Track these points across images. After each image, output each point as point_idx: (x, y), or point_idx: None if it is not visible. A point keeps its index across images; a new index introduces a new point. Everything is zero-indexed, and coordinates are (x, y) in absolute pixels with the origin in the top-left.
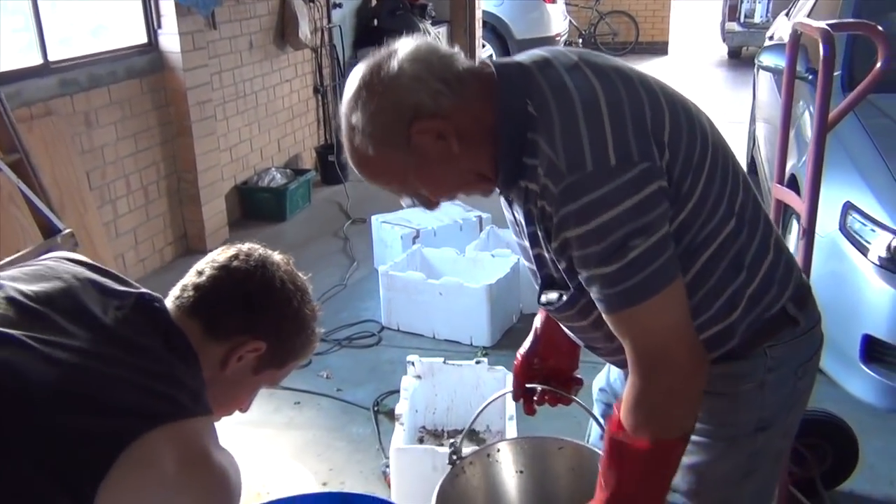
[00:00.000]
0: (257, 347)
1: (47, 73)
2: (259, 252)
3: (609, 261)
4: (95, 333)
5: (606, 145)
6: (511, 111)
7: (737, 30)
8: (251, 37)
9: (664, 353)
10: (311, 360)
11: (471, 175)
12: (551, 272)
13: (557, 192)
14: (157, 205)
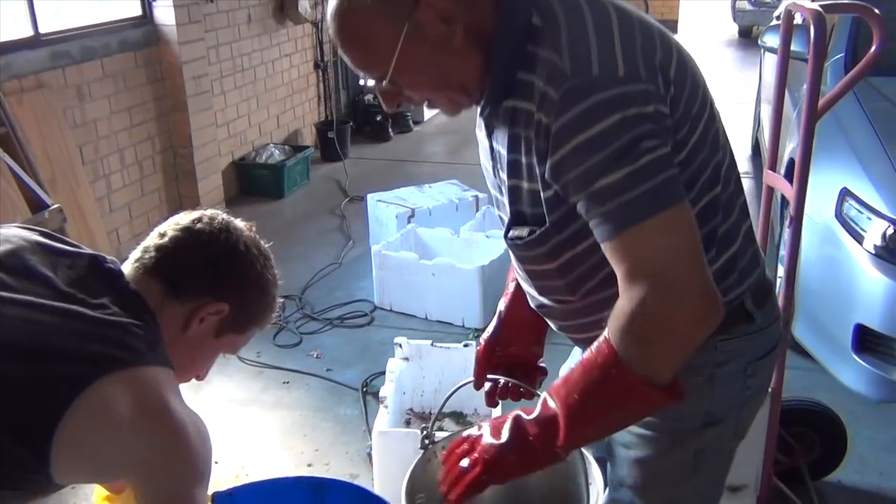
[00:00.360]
0: (220, 309)
1: (38, 45)
2: (222, 216)
3: (618, 165)
4: (44, 289)
5: (615, 57)
6: (515, 19)
7: (748, 8)
8: (250, 10)
9: (674, 279)
10: (301, 339)
11: (454, 80)
12: (524, 208)
13: (559, 96)
14: (152, 180)
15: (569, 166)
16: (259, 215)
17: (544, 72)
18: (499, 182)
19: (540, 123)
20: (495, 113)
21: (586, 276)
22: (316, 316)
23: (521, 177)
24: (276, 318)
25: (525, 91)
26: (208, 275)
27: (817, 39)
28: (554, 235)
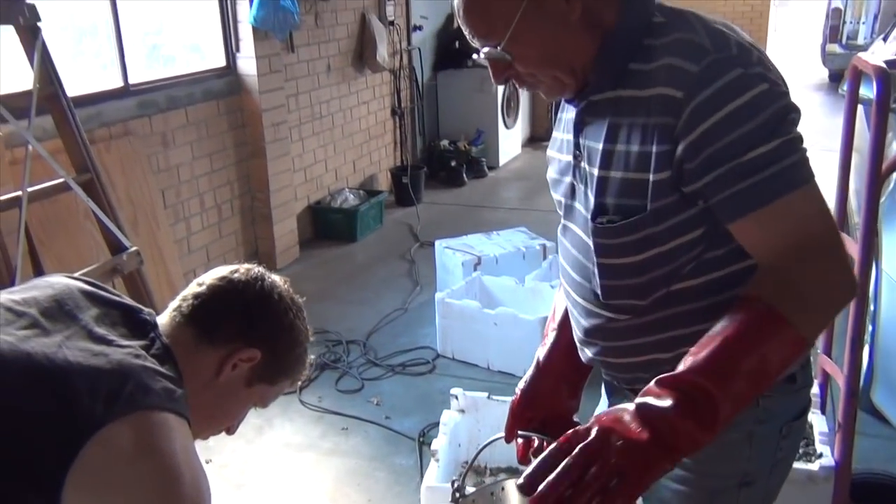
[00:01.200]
0: (252, 356)
1: (127, 94)
2: (259, 269)
3: (771, 136)
4: (74, 331)
5: (751, 51)
6: (637, 11)
7: (838, 52)
8: (329, 59)
9: (829, 245)
10: (363, 385)
11: (564, 59)
12: (611, 199)
13: (700, 68)
14: (230, 223)
15: (713, 138)
16: (331, 259)
17: (676, 51)
18: (581, 176)
19: (671, 100)
20: (593, 104)
21: (664, 280)
22: (379, 362)
23: (615, 167)
24: (305, 376)
25: (639, 80)
26: (242, 319)
27: (880, 96)
28: (650, 225)
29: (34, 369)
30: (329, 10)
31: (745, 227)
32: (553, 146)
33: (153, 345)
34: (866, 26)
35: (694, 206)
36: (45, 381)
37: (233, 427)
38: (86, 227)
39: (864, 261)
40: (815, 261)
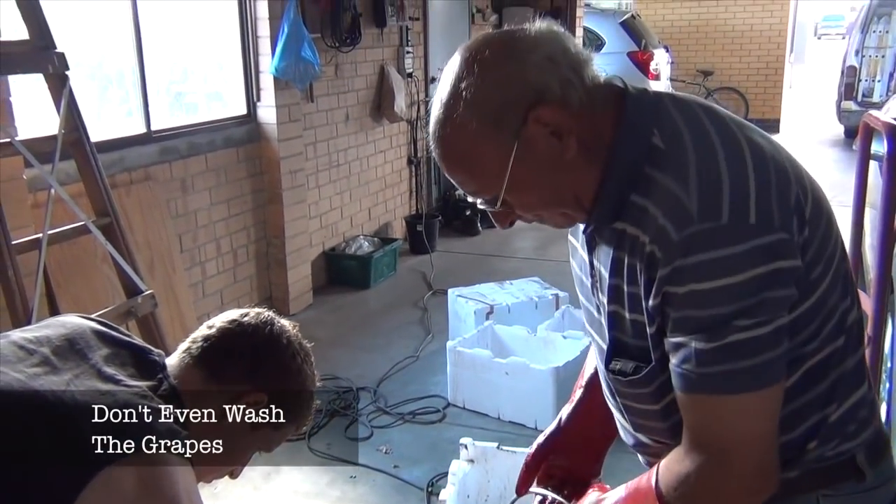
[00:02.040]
0: (259, 400)
1: (149, 141)
2: (269, 313)
3: (706, 335)
4: (83, 370)
5: (748, 199)
6: (635, 135)
7: (853, 108)
8: (347, 109)
9: (731, 457)
10: (372, 433)
11: (568, 193)
12: (624, 337)
13: (678, 239)
14: (245, 268)
15: (670, 306)
16: (345, 305)
17: (664, 204)
18: (597, 303)
19: (652, 256)
20: (599, 231)
21: None
22: (388, 410)
23: (623, 305)
24: (311, 422)
25: (637, 216)
26: (250, 362)
27: (891, 152)
28: (660, 374)
29: (42, 407)
30: (349, 61)
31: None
32: (573, 255)
33: (160, 385)
34: (881, 84)
35: None
36: (51, 419)
37: (236, 471)
38: (102, 270)
39: (877, 316)
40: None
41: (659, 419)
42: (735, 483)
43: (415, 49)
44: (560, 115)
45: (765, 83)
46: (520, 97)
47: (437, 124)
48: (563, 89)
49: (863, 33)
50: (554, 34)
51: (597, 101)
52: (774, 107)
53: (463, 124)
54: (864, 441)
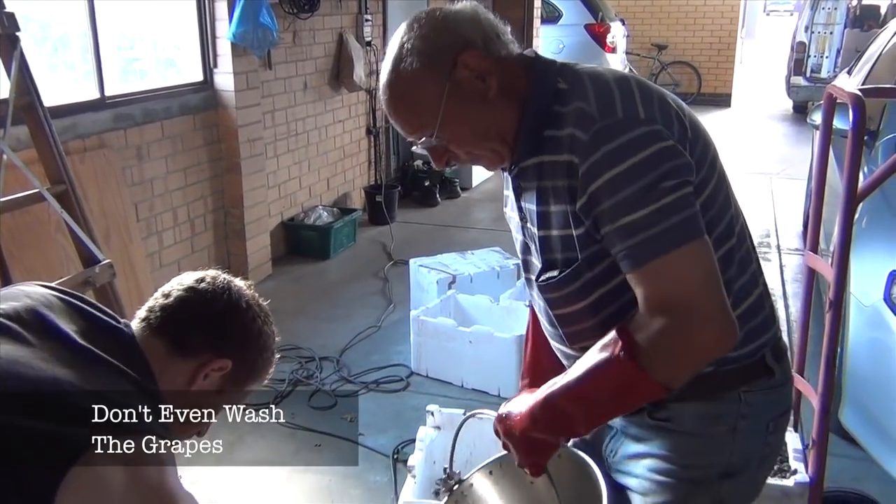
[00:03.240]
0: (223, 366)
1: (103, 107)
2: (224, 276)
3: (640, 204)
4: (56, 345)
5: (636, 104)
6: (543, 82)
7: (802, 84)
8: (306, 78)
9: (695, 304)
10: (336, 402)
11: (493, 131)
12: (555, 255)
13: (588, 137)
14: (203, 238)
15: (598, 201)
16: (304, 276)
17: (573, 120)
18: (529, 236)
19: (571, 165)
20: (523, 171)
21: (618, 314)
22: (352, 379)
23: (551, 226)
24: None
25: (553, 145)
26: (212, 332)
27: (856, 123)
28: (585, 271)
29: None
30: (307, 28)
31: (630, 281)
32: (506, 204)
33: (133, 359)
34: (829, 60)
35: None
36: (34, 399)
37: (203, 429)
38: (57, 239)
39: (838, 283)
40: (679, 319)
41: (589, 316)
42: (706, 330)
43: (374, 17)
44: (483, 60)
45: (717, 58)
46: (450, 44)
47: (386, 74)
48: (485, 42)
49: (812, 10)
50: (477, 7)
51: (512, 58)
52: (726, 81)
53: (405, 69)
54: (768, 342)
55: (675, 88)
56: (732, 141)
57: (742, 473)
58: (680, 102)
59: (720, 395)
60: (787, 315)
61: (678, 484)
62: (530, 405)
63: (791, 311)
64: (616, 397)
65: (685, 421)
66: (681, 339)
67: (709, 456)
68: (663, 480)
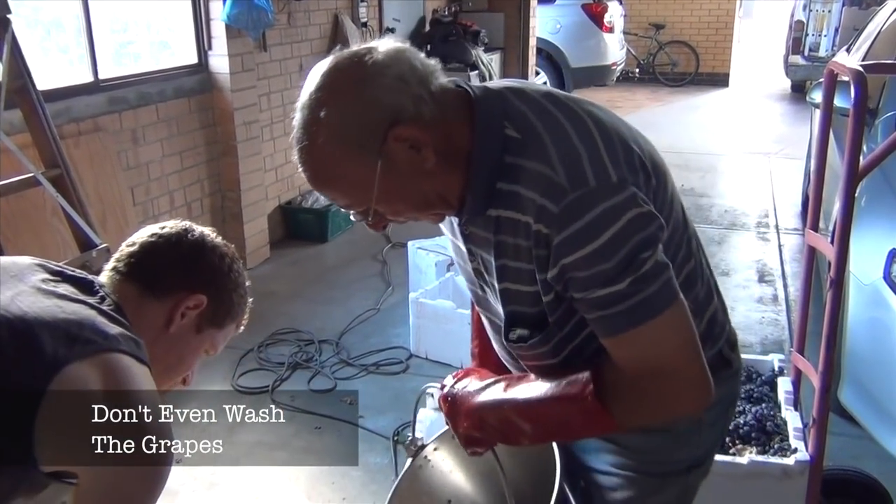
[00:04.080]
0: (198, 302)
1: (97, 90)
2: (186, 222)
3: (621, 276)
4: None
5: (606, 165)
6: (489, 132)
7: (801, 63)
8: (301, 59)
9: (674, 370)
10: (336, 384)
11: (434, 196)
12: (519, 307)
13: (559, 210)
14: (200, 222)
15: (572, 271)
16: (302, 259)
17: (538, 185)
18: (482, 284)
19: (539, 234)
20: (473, 222)
21: (588, 361)
22: (351, 361)
23: (513, 280)
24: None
25: (509, 201)
26: (182, 268)
27: (858, 99)
28: (556, 333)
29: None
30: (302, 10)
31: (607, 344)
32: (450, 244)
33: (103, 301)
34: (828, 38)
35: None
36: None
37: (188, 377)
38: (52, 224)
39: (839, 261)
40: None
41: (559, 367)
42: (685, 392)
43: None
44: (415, 130)
45: (715, 37)
46: (378, 120)
47: (302, 150)
48: (415, 106)
49: None
50: (401, 53)
51: (448, 109)
52: (724, 61)
53: (326, 150)
54: (724, 338)
55: (673, 68)
56: (731, 121)
57: (704, 463)
58: (634, 132)
59: None
60: (787, 294)
61: (647, 479)
62: (479, 404)
63: (790, 290)
64: (573, 429)
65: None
66: (657, 400)
67: (677, 451)
68: (632, 475)
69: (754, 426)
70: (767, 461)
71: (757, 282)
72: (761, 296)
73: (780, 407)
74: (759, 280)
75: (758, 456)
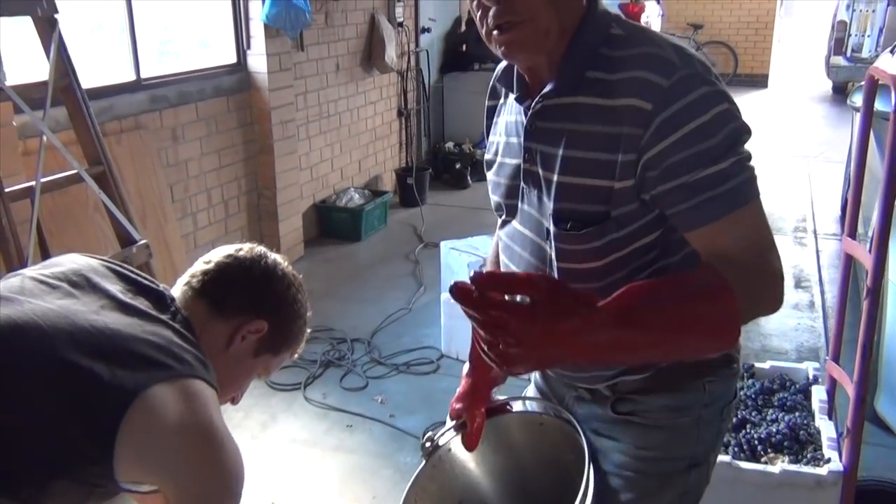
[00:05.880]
0: (260, 328)
1: (139, 89)
2: (261, 247)
3: (726, 156)
4: (105, 301)
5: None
6: (595, 24)
7: (843, 64)
8: (338, 59)
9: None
10: (367, 383)
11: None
12: (573, 204)
13: (669, 84)
14: (236, 219)
15: (678, 151)
16: (336, 257)
17: (646, 64)
18: (528, 185)
19: (640, 112)
20: (548, 110)
21: (622, 281)
22: (383, 361)
23: (579, 172)
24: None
25: (599, 88)
26: (250, 293)
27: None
28: (612, 231)
29: (80, 332)
30: (339, 9)
31: (702, 235)
32: (491, 150)
33: (175, 317)
34: (871, 39)
35: (651, 212)
36: (91, 344)
37: (237, 397)
38: (95, 220)
39: (877, 268)
40: (761, 263)
41: (596, 278)
42: (780, 281)
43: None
44: None
45: (755, 37)
46: None
47: None
48: None
49: None
50: None
51: None
52: (763, 62)
53: None
54: None
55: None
56: (770, 123)
57: (703, 463)
58: None
59: (686, 385)
60: (823, 301)
61: (647, 478)
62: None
63: (827, 296)
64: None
65: (651, 414)
66: (762, 286)
67: (676, 448)
68: (631, 476)
69: (787, 434)
70: (800, 470)
71: (793, 287)
72: (797, 302)
73: (815, 416)
74: (795, 286)
75: (790, 465)
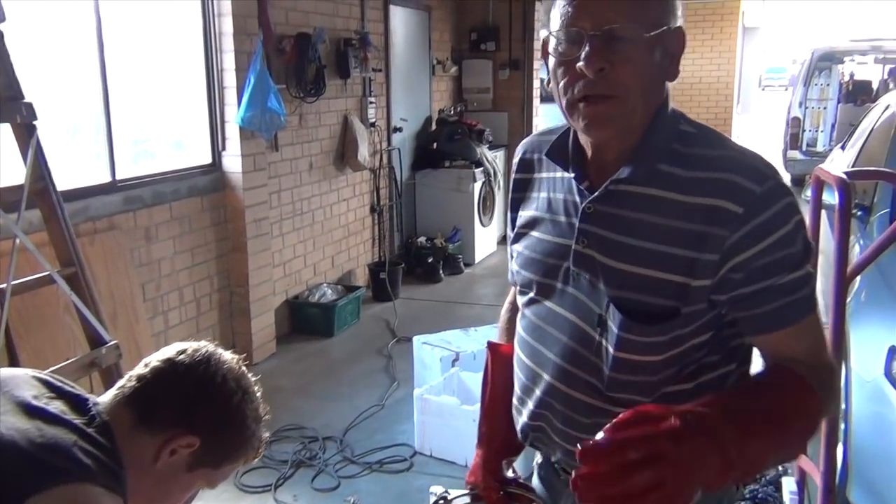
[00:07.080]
0: (191, 443)
1: (114, 190)
2: (208, 348)
3: (803, 263)
4: (11, 407)
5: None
6: (667, 120)
7: (799, 158)
8: (311, 158)
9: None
10: (339, 483)
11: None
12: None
13: (762, 191)
14: (208, 317)
15: (765, 256)
16: (308, 354)
17: (734, 168)
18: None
19: (729, 214)
20: (616, 195)
21: (669, 380)
22: (355, 459)
23: (645, 263)
24: (257, 455)
25: (675, 184)
26: (180, 406)
27: (842, 205)
28: (679, 327)
29: None
30: (313, 111)
31: (774, 338)
32: (521, 222)
33: (91, 422)
34: (824, 134)
35: (713, 312)
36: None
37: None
38: (64, 321)
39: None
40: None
41: (650, 372)
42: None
43: (377, 99)
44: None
45: None
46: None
47: None
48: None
49: (805, 86)
50: None
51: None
52: None
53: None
54: None
55: None
56: None
57: None
58: None
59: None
60: None
61: None
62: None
63: None
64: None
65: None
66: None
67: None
68: None
69: None
70: None
71: None
72: None
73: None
74: None
75: None
